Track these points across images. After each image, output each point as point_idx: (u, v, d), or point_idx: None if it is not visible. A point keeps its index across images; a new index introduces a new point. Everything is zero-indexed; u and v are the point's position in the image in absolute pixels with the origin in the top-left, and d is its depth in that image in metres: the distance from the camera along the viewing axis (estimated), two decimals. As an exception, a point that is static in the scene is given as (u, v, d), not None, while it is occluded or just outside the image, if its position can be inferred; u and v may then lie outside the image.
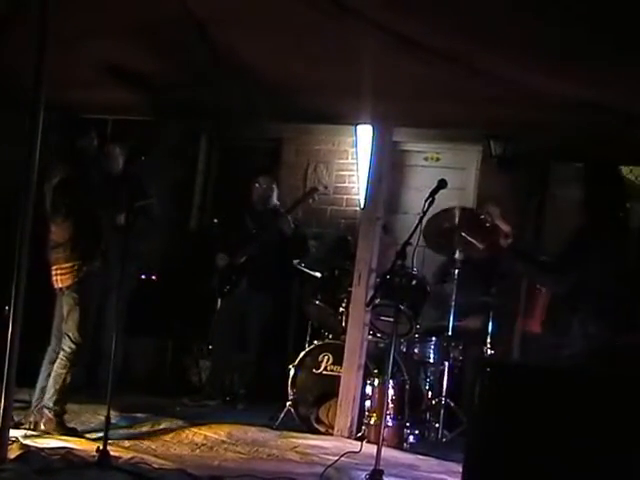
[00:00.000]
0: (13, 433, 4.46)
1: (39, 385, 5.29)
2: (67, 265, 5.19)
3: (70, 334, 5.17)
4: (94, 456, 4.32)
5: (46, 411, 5.13)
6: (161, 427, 5.59)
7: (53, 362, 5.23)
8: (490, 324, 6.22)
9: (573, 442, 3.12)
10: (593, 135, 5.46)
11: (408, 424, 5.69)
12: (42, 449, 4.48)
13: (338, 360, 5.87)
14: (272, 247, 6.81)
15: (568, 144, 6.70)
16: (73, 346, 5.16)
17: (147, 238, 6.58)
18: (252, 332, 6.84)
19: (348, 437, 5.63)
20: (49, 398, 5.15)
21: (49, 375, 5.22)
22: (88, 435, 5.10)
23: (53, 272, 5.23)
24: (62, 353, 5.19)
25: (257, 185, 6.99)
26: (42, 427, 5.08)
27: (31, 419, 5.17)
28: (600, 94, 4.48)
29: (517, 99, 4.74)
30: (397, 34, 4.26)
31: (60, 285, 5.22)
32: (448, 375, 6.02)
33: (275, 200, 7.03)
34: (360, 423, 5.67)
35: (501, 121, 5.36)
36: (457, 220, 5.85)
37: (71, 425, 5.24)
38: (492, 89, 4.63)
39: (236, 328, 6.87)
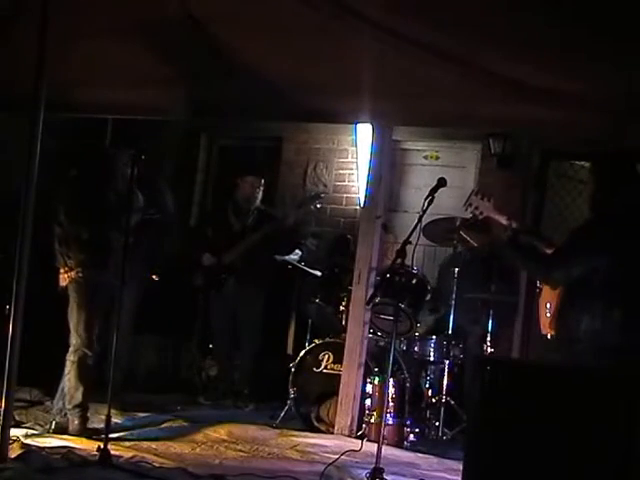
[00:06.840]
0: (14, 432, 4.47)
1: (60, 386, 5.26)
2: (65, 269, 5.19)
3: (74, 331, 5.16)
4: (95, 455, 4.34)
5: (69, 415, 5.13)
6: (162, 426, 5.60)
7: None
8: (490, 322, 6.24)
9: (573, 440, 3.13)
10: (592, 134, 5.46)
11: (408, 422, 5.69)
12: (43, 448, 4.50)
13: (338, 359, 5.87)
14: (260, 246, 6.73)
15: (567, 143, 6.72)
16: (76, 343, 5.14)
17: (159, 240, 6.57)
18: (246, 330, 6.82)
19: (348, 435, 5.63)
20: (68, 402, 5.13)
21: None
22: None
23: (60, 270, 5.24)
24: (70, 353, 5.16)
25: (245, 183, 6.91)
26: (70, 430, 5.06)
27: (56, 421, 5.16)
28: (600, 93, 4.48)
29: (516, 97, 4.74)
30: (397, 33, 4.27)
31: (61, 283, 5.22)
32: (448, 373, 6.03)
33: (259, 201, 6.95)
34: (360, 421, 5.67)
35: (500, 119, 5.35)
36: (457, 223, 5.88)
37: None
38: (492, 88, 4.63)
39: (231, 327, 6.86)
